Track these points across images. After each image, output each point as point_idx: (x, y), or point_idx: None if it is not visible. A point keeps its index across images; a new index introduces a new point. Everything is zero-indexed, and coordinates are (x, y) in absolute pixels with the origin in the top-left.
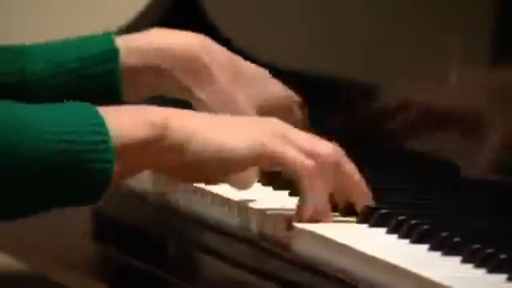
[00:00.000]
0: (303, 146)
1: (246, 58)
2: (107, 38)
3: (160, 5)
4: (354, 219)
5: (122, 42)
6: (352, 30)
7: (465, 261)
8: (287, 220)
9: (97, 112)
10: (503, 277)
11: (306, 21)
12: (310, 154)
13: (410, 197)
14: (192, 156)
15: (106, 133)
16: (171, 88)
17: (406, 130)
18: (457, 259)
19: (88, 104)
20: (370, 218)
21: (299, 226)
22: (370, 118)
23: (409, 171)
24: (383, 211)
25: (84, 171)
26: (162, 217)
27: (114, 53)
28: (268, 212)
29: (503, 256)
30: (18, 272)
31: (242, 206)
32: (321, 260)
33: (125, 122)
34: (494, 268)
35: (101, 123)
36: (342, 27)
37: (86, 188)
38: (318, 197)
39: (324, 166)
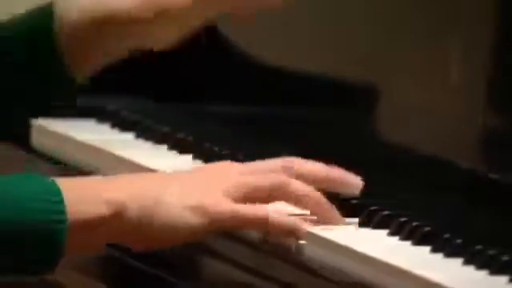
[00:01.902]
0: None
1: (247, 57)
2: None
3: None
4: (355, 221)
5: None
6: (354, 30)
7: (467, 262)
8: None
9: (57, 190)
10: (505, 278)
11: (307, 21)
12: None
13: (412, 199)
14: (152, 233)
15: (62, 211)
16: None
17: (406, 131)
18: (459, 261)
19: (47, 180)
20: (371, 219)
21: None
22: (372, 119)
23: (411, 173)
24: (385, 213)
25: (38, 245)
26: None
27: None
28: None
29: (505, 258)
30: None
31: None
32: (322, 262)
33: (81, 199)
34: (496, 269)
35: (59, 201)
36: (344, 28)
37: (37, 262)
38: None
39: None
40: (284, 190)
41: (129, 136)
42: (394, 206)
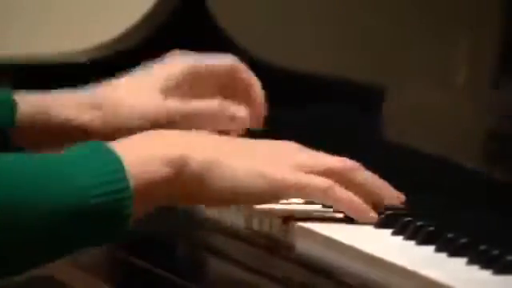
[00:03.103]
0: (314, 165)
1: (251, 59)
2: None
3: (166, 6)
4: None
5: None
6: (358, 30)
7: (471, 262)
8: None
9: (115, 158)
10: (510, 278)
11: (311, 21)
12: (322, 171)
13: (416, 198)
14: (210, 192)
15: (125, 179)
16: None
17: (410, 131)
18: (463, 260)
19: (104, 148)
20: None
21: (304, 225)
22: (374, 119)
23: (415, 173)
24: (389, 212)
25: (105, 217)
26: (167, 217)
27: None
28: (272, 212)
29: (509, 257)
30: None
31: (247, 206)
32: (326, 261)
33: (142, 160)
34: (500, 269)
35: (120, 169)
36: (348, 28)
37: (104, 231)
38: (346, 199)
39: (338, 177)
40: (349, 176)
41: None
42: (398, 206)
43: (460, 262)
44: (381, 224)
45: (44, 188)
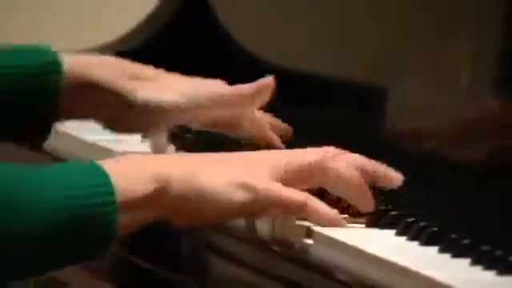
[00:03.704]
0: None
1: (254, 58)
2: (50, 50)
3: (169, 7)
4: (363, 220)
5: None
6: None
7: (474, 263)
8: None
9: (103, 172)
10: None
11: (315, 21)
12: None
13: (420, 199)
14: (194, 205)
15: (112, 193)
16: (107, 99)
17: (413, 130)
18: (466, 261)
19: (94, 164)
20: (379, 220)
21: (307, 226)
22: (377, 119)
23: (418, 173)
24: (392, 213)
25: (91, 230)
26: None
27: (58, 65)
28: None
29: None
30: None
31: None
32: (330, 262)
33: (128, 177)
34: (503, 270)
35: (107, 183)
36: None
37: (91, 245)
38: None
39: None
40: (326, 169)
41: (137, 136)
42: (402, 206)
43: (463, 263)
44: (384, 224)
45: (28, 197)
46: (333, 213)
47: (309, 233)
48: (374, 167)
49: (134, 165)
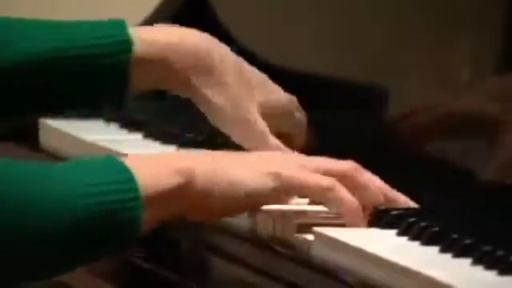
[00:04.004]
0: (318, 167)
1: (255, 57)
2: (121, 26)
3: (169, 7)
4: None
5: (135, 32)
6: (359, 30)
7: (476, 263)
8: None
9: (125, 168)
10: None
11: (315, 21)
12: (327, 172)
13: (421, 199)
14: (217, 199)
15: (136, 189)
16: (175, 83)
17: (415, 132)
18: (468, 261)
19: (115, 159)
20: (380, 220)
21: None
22: (378, 120)
23: (419, 173)
24: (393, 213)
25: (114, 227)
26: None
27: (128, 44)
28: (279, 214)
29: None
30: None
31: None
32: (331, 262)
33: (152, 172)
34: (505, 270)
35: (130, 179)
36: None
37: (115, 242)
38: (348, 201)
39: (343, 179)
40: (355, 178)
41: (137, 136)
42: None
43: (465, 263)
44: (386, 224)
45: (52, 193)
46: (357, 205)
47: (309, 233)
48: (388, 194)
49: (156, 160)
